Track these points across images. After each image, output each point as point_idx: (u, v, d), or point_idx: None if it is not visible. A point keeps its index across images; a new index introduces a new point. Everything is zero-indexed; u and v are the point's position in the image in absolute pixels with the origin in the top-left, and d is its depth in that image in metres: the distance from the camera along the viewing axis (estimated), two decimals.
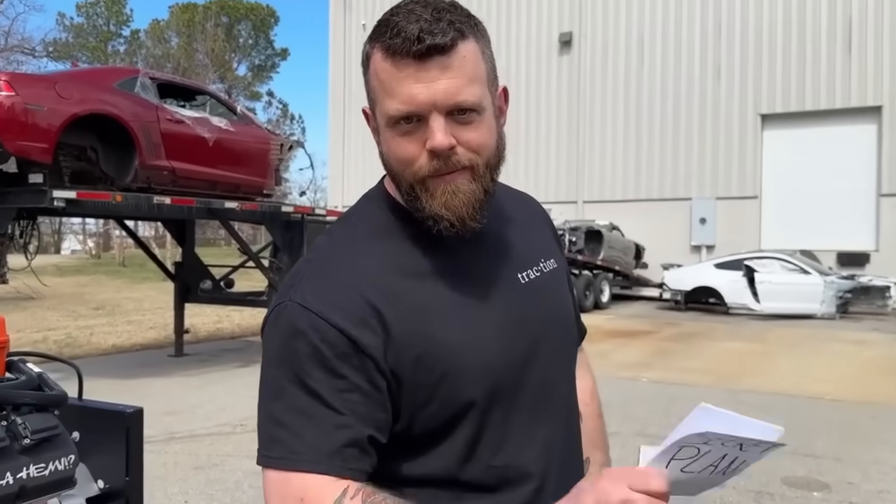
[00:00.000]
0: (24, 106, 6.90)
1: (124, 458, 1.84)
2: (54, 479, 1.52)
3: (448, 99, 1.02)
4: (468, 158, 1.05)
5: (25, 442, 1.46)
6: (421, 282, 1.09)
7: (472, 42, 1.05)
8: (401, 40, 1.01)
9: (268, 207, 9.67)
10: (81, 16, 54.89)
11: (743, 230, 19.26)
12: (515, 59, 22.88)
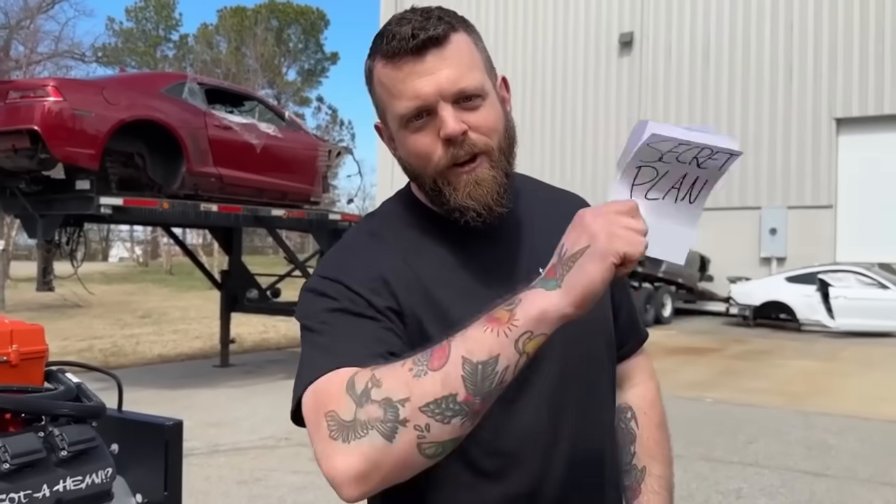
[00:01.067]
0: (72, 112, 7.11)
1: (163, 471, 1.87)
2: (91, 493, 1.54)
3: (452, 86, 1.09)
4: (483, 142, 1.12)
5: (62, 454, 1.49)
6: (432, 270, 1.18)
7: (463, 34, 1.13)
8: (396, 42, 1.09)
9: (315, 215, 9.79)
10: (131, 20, 56.45)
11: (816, 241, 18.75)
12: (573, 60, 22.78)
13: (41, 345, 1.63)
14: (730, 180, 20.25)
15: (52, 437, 1.49)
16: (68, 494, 1.49)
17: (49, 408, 1.53)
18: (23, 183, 7.65)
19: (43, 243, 7.78)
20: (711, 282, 19.33)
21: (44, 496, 1.45)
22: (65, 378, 1.68)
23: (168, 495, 1.87)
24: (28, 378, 1.60)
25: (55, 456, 1.48)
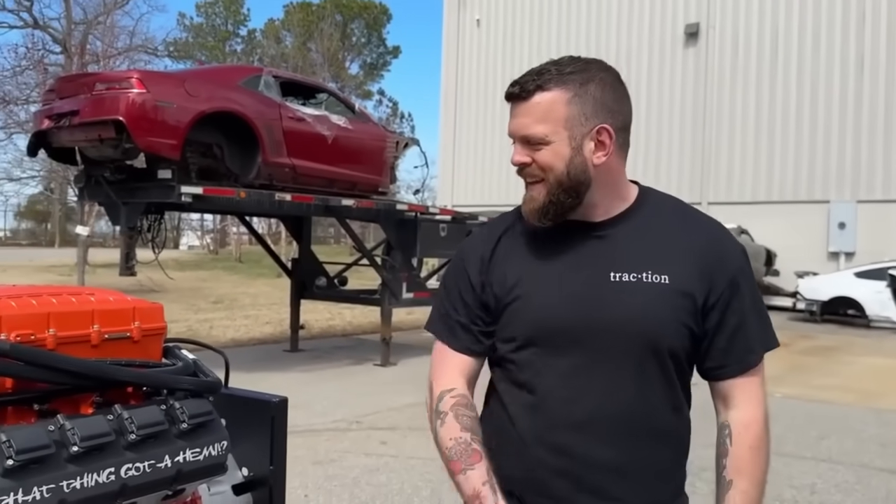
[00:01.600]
0: (155, 103, 7.28)
1: (268, 446, 1.92)
2: (208, 465, 1.59)
3: (519, 131, 1.47)
4: (538, 174, 1.46)
5: (183, 426, 1.53)
6: (520, 256, 1.55)
7: (551, 93, 1.42)
8: (508, 88, 1.48)
9: (383, 205, 9.86)
10: (201, 16, 57.53)
11: (886, 236, 18.10)
12: (637, 52, 22.42)
13: (160, 322, 1.69)
14: (797, 173, 19.75)
15: (173, 410, 1.54)
16: (188, 466, 1.54)
17: (171, 382, 1.58)
18: (107, 172, 7.88)
19: (126, 230, 8.02)
20: (777, 276, 18.89)
21: (166, 466, 1.49)
22: (182, 354, 1.73)
23: (273, 470, 1.93)
24: (148, 353, 1.65)
25: (176, 428, 1.53)
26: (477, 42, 26.26)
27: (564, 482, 1.47)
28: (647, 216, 1.52)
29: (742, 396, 1.53)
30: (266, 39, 56.46)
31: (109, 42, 34.94)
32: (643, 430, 1.47)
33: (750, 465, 1.51)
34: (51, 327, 1.47)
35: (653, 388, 1.47)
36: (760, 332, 1.55)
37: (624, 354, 1.45)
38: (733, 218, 18.75)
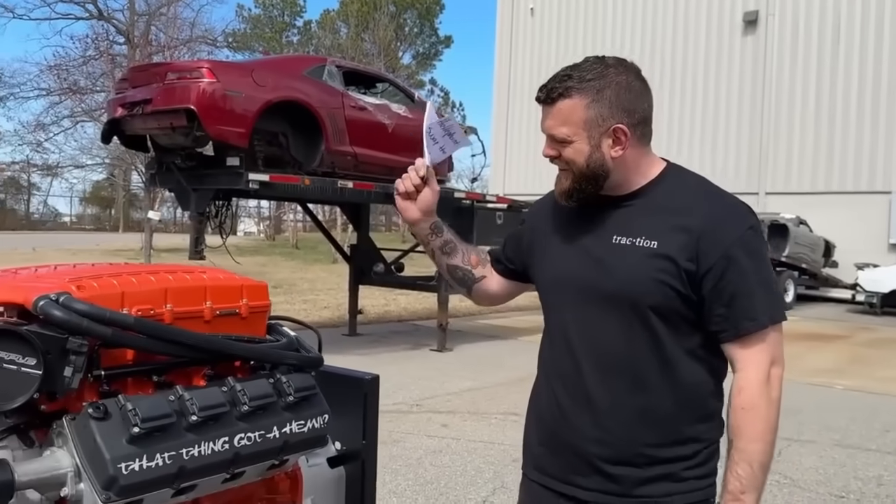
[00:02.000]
0: (225, 92, 7.41)
1: (361, 422, 1.97)
2: (311, 437, 1.64)
3: (547, 131, 1.71)
4: (565, 164, 1.69)
5: (289, 399, 1.59)
6: (550, 225, 1.83)
7: (572, 100, 1.63)
8: (538, 92, 1.70)
9: (441, 193, 9.86)
10: (259, 7, 58.05)
11: None
12: (694, 40, 22.00)
13: (265, 300, 1.74)
14: (858, 163, 19.23)
15: (280, 384, 1.59)
16: (293, 437, 1.59)
17: (279, 357, 1.63)
18: (178, 159, 8.05)
19: (195, 215, 8.18)
20: (836, 268, 18.41)
21: (274, 437, 1.55)
22: (284, 331, 1.79)
23: (366, 444, 1.98)
24: (254, 330, 1.71)
25: (283, 401, 1.58)
26: (531, 31, 26.07)
27: (557, 411, 1.75)
28: (664, 191, 1.70)
29: (742, 362, 1.63)
30: (322, 30, 56.82)
31: (171, 33, 35.58)
32: (628, 375, 1.66)
33: (744, 425, 1.60)
34: (168, 303, 1.53)
35: (638, 339, 1.65)
36: (764, 303, 1.62)
37: (611, 306, 1.66)
38: (791, 208, 18.36)
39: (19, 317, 1.40)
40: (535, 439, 1.82)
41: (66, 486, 1.33)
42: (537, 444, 1.81)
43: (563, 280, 1.76)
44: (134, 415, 1.34)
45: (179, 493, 1.44)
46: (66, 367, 1.34)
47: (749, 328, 1.61)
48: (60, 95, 35.05)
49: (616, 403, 1.67)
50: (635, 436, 1.66)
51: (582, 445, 1.69)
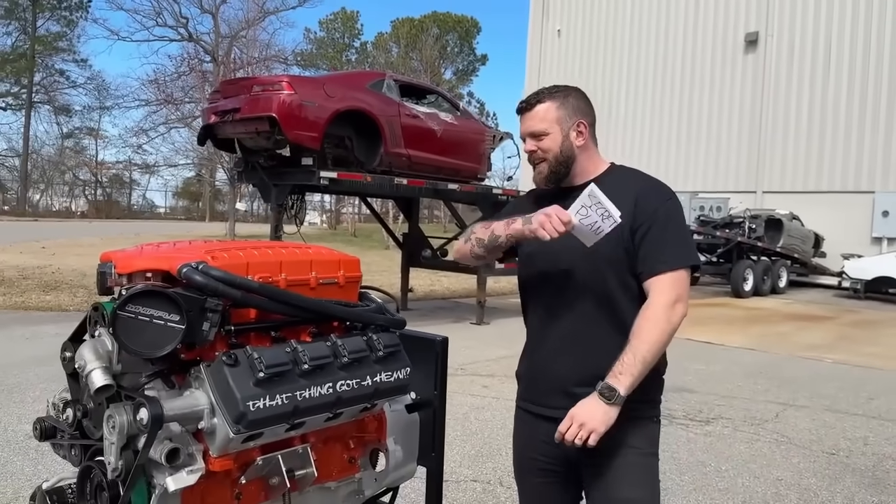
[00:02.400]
0: (301, 102, 7.51)
1: (433, 376, 2.02)
2: (396, 386, 1.69)
3: (527, 130, 1.92)
4: (542, 155, 1.90)
5: (379, 354, 1.64)
6: (532, 209, 1.85)
7: (546, 103, 1.89)
8: (519, 104, 1.94)
9: (481, 189, 9.91)
10: (323, 30, 58.45)
11: None
12: (701, 57, 21.59)
13: (358, 272, 1.79)
14: (845, 166, 18.78)
15: (372, 341, 1.64)
16: (382, 385, 1.64)
17: (371, 319, 1.68)
18: (261, 159, 8.19)
19: (275, 207, 8.31)
20: (824, 258, 18.01)
21: (367, 384, 1.60)
22: (373, 298, 1.84)
23: (437, 394, 2.02)
24: (348, 296, 1.75)
25: (374, 355, 1.63)
26: (557, 49, 25.81)
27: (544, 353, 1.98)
28: (612, 179, 1.90)
29: (654, 293, 1.79)
30: (376, 50, 56.94)
31: (250, 53, 35.93)
32: (592, 308, 1.85)
33: (641, 330, 1.75)
34: (282, 272, 1.58)
35: (603, 282, 1.84)
36: (674, 252, 1.82)
37: (581, 268, 1.85)
38: (786, 205, 18.00)
39: (164, 281, 1.46)
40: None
41: (202, 420, 1.39)
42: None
43: (545, 250, 1.88)
44: (259, 362, 1.40)
45: (292, 428, 1.50)
46: (204, 322, 1.40)
47: (661, 269, 1.79)
48: (157, 105, 35.67)
49: (587, 340, 1.87)
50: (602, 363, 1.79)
51: (561, 374, 1.90)
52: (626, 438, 1.81)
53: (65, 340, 1.57)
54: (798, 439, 4.86)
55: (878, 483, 4.08)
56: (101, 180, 50.69)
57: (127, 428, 1.36)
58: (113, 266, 1.52)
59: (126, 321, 1.35)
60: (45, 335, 7.61)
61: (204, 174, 42.53)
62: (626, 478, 1.82)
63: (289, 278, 1.59)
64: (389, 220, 28.66)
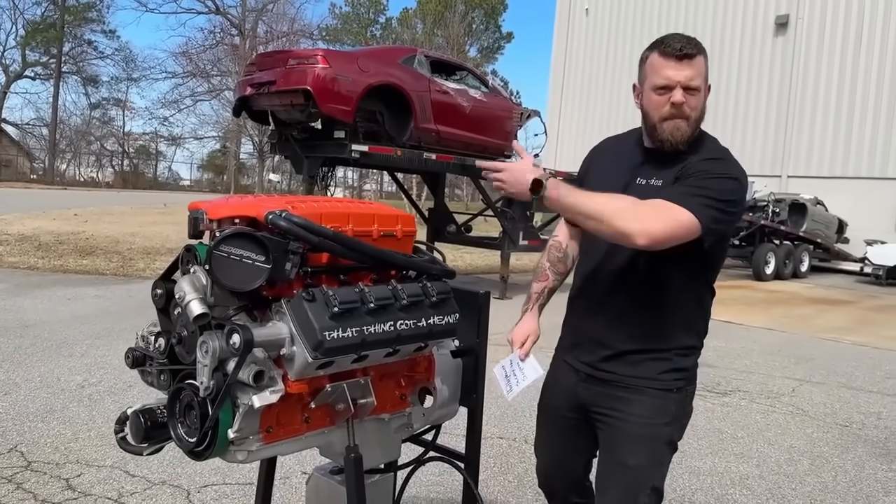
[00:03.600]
0: (335, 76, 7.66)
1: (476, 325, 2.20)
2: (447, 329, 1.87)
3: (687, 81, 1.77)
4: (688, 112, 1.78)
5: (433, 299, 1.82)
6: (609, 161, 2.00)
7: (702, 56, 1.78)
8: (671, 48, 1.77)
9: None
10: (349, 5, 58.27)
11: None
12: (730, 39, 21.39)
13: (412, 227, 1.97)
14: (871, 152, 18.63)
15: (426, 288, 1.82)
16: (436, 328, 1.82)
17: (427, 268, 1.87)
18: (294, 131, 8.37)
19: (308, 178, 8.51)
20: (847, 244, 17.93)
21: (422, 325, 1.78)
22: (425, 250, 2.02)
23: (479, 342, 2.21)
24: (405, 248, 1.93)
25: (428, 300, 1.81)
26: (585, 29, 25.64)
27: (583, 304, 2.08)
28: (692, 146, 1.84)
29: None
30: (401, 26, 56.71)
31: (277, 26, 36.01)
32: (639, 289, 1.90)
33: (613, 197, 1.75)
34: (350, 223, 1.77)
35: (640, 259, 1.85)
36: (677, 198, 1.71)
37: None
38: (810, 190, 17.90)
39: (250, 226, 1.65)
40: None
41: (284, 347, 1.59)
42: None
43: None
44: (334, 299, 1.58)
45: (358, 360, 1.70)
46: (287, 263, 1.59)
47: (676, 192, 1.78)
48: (184, 77, 35.95)
49: (622, 313, 1.94)
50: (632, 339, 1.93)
51: (591, 337, 2.02)
52: (633, 408, 1.89)
53: (156, 279, 1.77)
54: (813, 412, 5.01)
55: (889, 453, 4.23)
56: (128, 151, 51.37)
57: (219, 352, 1.56)
58: (205, 213, 1.71)
59: (220, 259, 1.54)
60: (85, 296, 7.93)
61: (229, 146, 42.91)
62: (628, 445, 1.90)
63: (355, 229, 1.77)
64: (414, 196, 28.86)
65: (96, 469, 3.30)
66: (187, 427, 1.63)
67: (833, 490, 3.60)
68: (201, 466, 3.25)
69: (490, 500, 3.25)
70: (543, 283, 2.17)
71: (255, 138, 26.86)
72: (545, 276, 2.17)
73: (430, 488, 3.30)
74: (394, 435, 2.05)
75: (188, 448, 1.61)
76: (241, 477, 3.23)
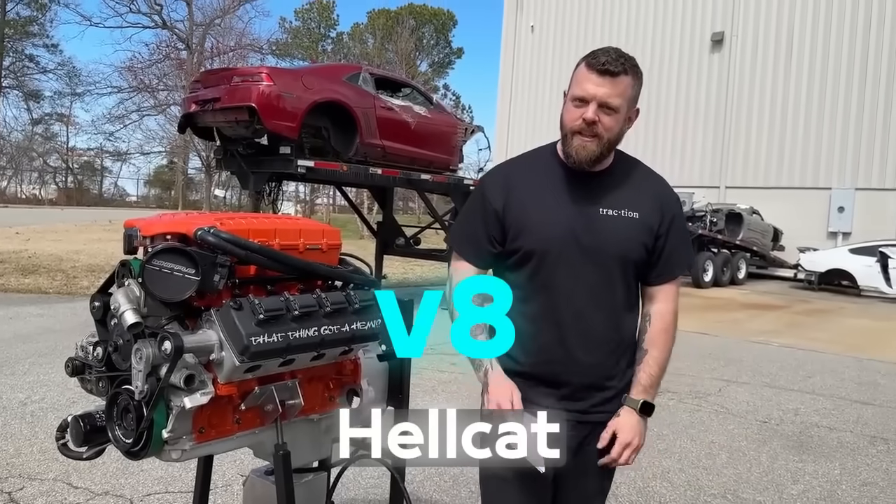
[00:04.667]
0: (280, 93, 7.76)
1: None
2: (370, 333, 2.02)
3: (604, 98, 1.67)
4: (600, 132, 1.69)
5: (356, 306, 1.98)
6: (539, 186, 1.79)
7: (628, 76, 1.67)
8: (597, 61, 1.67)
9: (453, 180, 10.25)
10: (298, 20, 58.13)
11: (881, 220, 17.75)
12: (669, 56, 22.16)
13: (338, 240, 2.12)
14: (804, 163, 19.48)
15: (350, 296, 1.98)
16: (359, 332, 1.97)
17: (349, 278, 2.02)
18: (240, 147, 8.43)
19: (254, 193, 8.57)
20: (783, 251, 18.70)
21: (346, 330, 1.93)
22: (350, 262, 2.18)
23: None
24: (330, 260, 2.08)
25: (351, 307, 1.97)
26: (531, 45, 26.23)
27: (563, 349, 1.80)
28: (624, 170, 1.82)
29: (662, 296, 1.85)
30: (351, 41, 56.79)
31: (224, 41, 35.65)
32: (611, 315, 1.80)
33: (661, 341, 1.82)
34: (276, 237, 1.92)
35: (619, 288, 1.79)
36: (686, 256, 1.88)
37: (607, 264, 1.76)
38: (747, 200, 18.65)
39: (181, 242, 1.78)
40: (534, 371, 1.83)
41: (213, 352, 1.72)
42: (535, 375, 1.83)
43: (563, 239, 1.76)
44: (260, 307, 1.72)
45: (284, 363, 1.84)
46: (215, 275, 1.73)
47: (676, 274, 1.86)
48: (130, 92, 35.33)
49: (604, 341, 1.80)
50: (601, 357, 1.81)
51: (584, 373, 1.80)
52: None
53: (94, 293, 1.89)
54: (736, 410, 5.32)
55: (802, 446, 4.53)
56: (72, 167, 50.06)
57: (153, 358, 1.68)
58: (138, 230, 1.84)
59: (152, 272, 1.68)
60: (27, 315, 7.81)
61: (176, 162, 42.23)
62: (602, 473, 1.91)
63: (282, 243, 1.92)
64: (364, 211, 28.91)
65: (39, 482, 3.34)
66: (124, 429, 1.74)
67: (747, 480, 3.87)
68: (144, 476, 3.33)
69: (426, 499, 3.41)
70: (485, 334, 1.86)
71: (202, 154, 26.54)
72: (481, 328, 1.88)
73: (368, 490, 3.44)
74: (323, 435, 2.19)
75: (125, 448, 1.72)
76: (183, 485, 3.32)
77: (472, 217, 1.88)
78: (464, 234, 1.91)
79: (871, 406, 5.63)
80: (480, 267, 1.86)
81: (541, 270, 1.77)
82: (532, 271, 1.78)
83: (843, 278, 15.55)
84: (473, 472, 3.81)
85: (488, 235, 1.82)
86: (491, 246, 1.82)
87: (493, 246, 1.82)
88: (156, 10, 35.86)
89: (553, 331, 1.78)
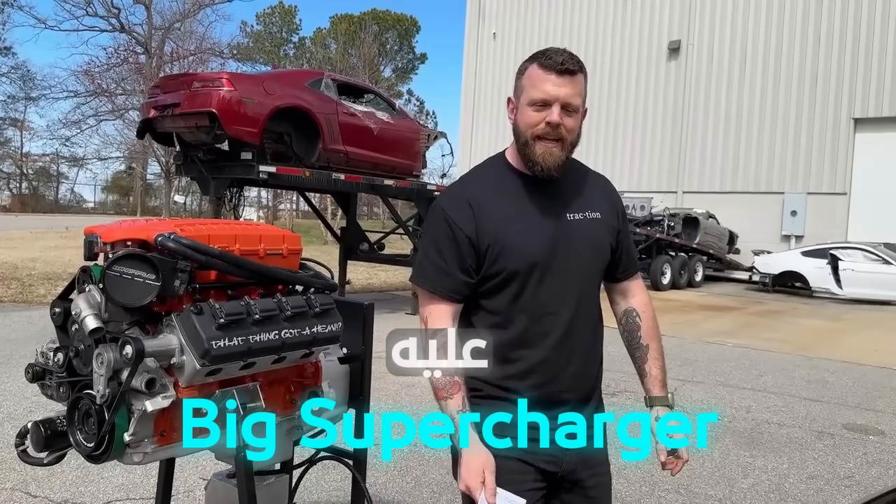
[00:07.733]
0: (241, 99, 7.73)
1: (361, 334, 2.41)
2: (330, 336, 2.06)
3: (566, 98, 1.60)
4: (564, 134, 1.61)
5: (316, 310, 2.02)
6: (505, 202, 1.68)
7: (583, 74, 1.64)
8: (552, 61, 1.60)
9: (416, 185, 10.30)
10: (260, 24, 57.63)
11: (831, 223, 18.38)
12: (627, 63, 22.60)
13: (298, 245, 2.16)
14: (758, 169, 20.02)
15: (310, 300, 2.02)
16: (319, 335, 2.01)
17: (309, 282, 2.06)
18: (200, 153, 8.35)
19: (214, 199, 8.50)
20: (738, 254, 19.16)
21: (307, 333, 1.97)
22: (311, 267, 2.22)
23: (364, 349, 2.41)
24: (291, 265, 2.12)
25: (312, 311, 2.00)
26: (493, 51, 26.48)
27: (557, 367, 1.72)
28: (570, 171, 1.73)
29: (637, 289, 1.88)
30: (314, 46, 56.48)
31: (184, 45, 35.15)
32: (592, 322, 1.78)
33: (656, 333, 1.86)
34: (237, 243, 1.95)
35: (596, 293, 1.78)
36: (635, 250, 1.92)
37: (586, 271, 1.73)
38: (703, 204, 19.10)
39: (141, 248, 1.81)
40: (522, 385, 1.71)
41: (174, 356, 1.75)
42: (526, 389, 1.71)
43: (545, 253, 1.67)
44: (220, 311, 1.75)
45: (245, 367, 1.87)
46: (175, 281, 1.75)
47: (638, 267, 1.92)
48: (87, 97, 34.60)
49: (589, 351, 1.78)
50: (589, 368, 1.79)
51: (580, 387, 1.77)
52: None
53: (54, 299, 1.90)
54: (690, 408, 5.47)
55: (753, 441, 4.69)
56: (27, 173, 48.78)
57: (114, 362, 1.71)
58: (99, 236, 1.86)
59: (113, 278, 1.70)
60: None
61: (135, 167, 41.45)
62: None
63: (242, 248, 1.95)
64: (328, 217, 28.76)
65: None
66: (86, 433, 1.75)
67: (699, 475, 4.00)
68: (104, 483, 3.30)
69: (388, 500, 3.45)
70: (458, 394, 1.73)
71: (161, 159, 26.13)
72: (455, 385, 1.74)
73: (331, 493, 3.47)
74: (285, 437, 2.22)
75: (87, 452, 1.73)
76: (144, 492, 3.31)
77: (440, 249, 1.69)
78: (435, 269, 1.70)
79: (820, 403, 5.84)
80: (456, 302, 1.70)
81: (525, 290, 1.66)
82: (515, 292, 1.67)
83: (795, 280, 16.00)
84: (436, 473, 3.88)
85: (463, 266, 1.67)
86: (468, 276, 1.67)
87: (469, 276, 1.67)
88: (113, 14, 35.20)
89: (544, 350, 1.68)
